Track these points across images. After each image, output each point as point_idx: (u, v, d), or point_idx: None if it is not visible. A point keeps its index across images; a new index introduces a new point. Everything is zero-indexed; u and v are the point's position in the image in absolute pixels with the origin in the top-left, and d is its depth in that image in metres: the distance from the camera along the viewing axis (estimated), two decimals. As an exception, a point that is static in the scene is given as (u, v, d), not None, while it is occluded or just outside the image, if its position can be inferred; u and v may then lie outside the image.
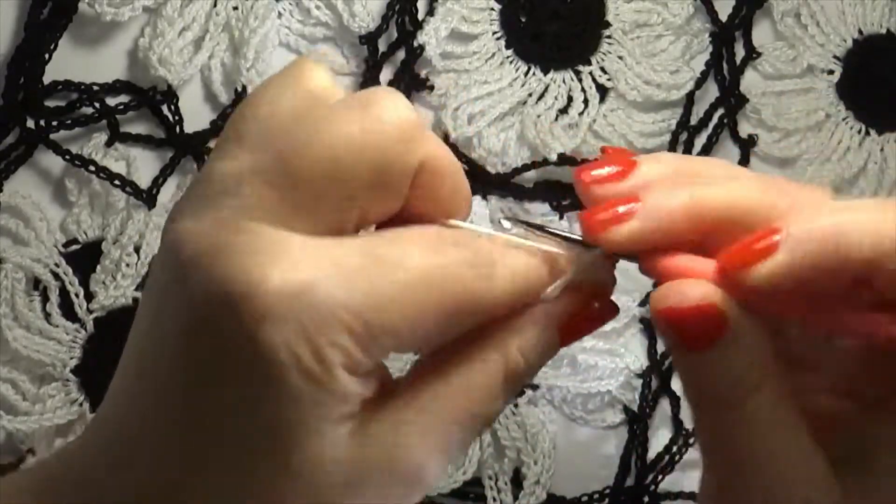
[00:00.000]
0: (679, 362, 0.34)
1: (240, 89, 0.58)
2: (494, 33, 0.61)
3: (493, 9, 0.61)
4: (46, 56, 0.58)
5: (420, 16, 0.60)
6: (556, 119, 0.60)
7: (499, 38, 0.61)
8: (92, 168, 0.57)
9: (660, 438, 0.59)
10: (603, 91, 0.61)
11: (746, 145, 0.62)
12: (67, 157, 0.57)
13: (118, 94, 0.59)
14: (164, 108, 0.59)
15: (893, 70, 0.63)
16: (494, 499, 0.57)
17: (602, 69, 0.61)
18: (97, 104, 0.58)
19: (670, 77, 0.61)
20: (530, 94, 0.60)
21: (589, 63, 0.61)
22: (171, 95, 0.59)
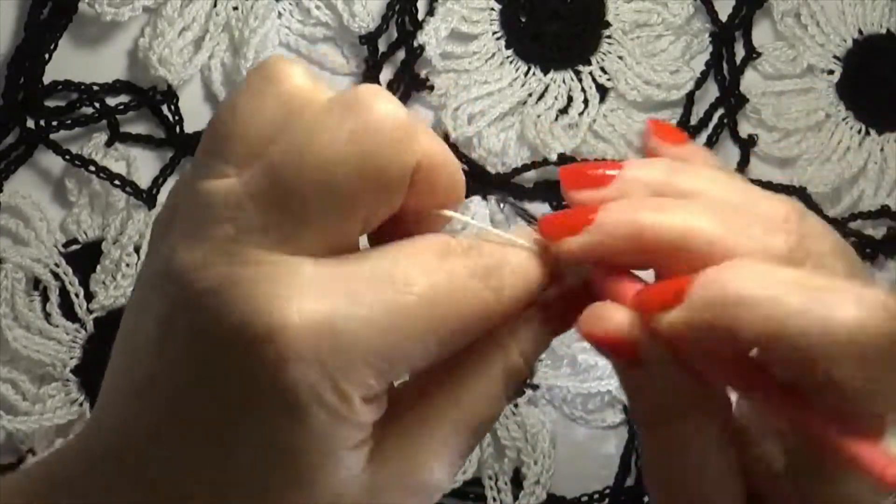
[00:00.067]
0: (617, 374, 0.34)
1: (240, 89, 0.58)
2: (494, 33, 0.61)
3: (493, 9, 0.61)
4: (46, 56, 0.58)
5: (420, 16, 0.60)
6: (556, 119, 0.60)
7: (499, 38, 0.61)
8: (92, 168, 0.57)
9: (660, 438, 0.59)
10: (603, 91, 0.61)
11: (746, 145, 0.61)
12: (67, 157, 0.57)
13: (118, 94, 0.59)
14: (164, 108, 0.59)
15: (893, 70, 0.63)
16: (494, 499, 0.57)
17: (602, 69, 0.61)
18: (97, 104, 0.58)
19: (670, 77, 0.61)
20: (530, 94, 0.60)
21: (589, 63, 0.61)
22: (171, 95, 0.59)
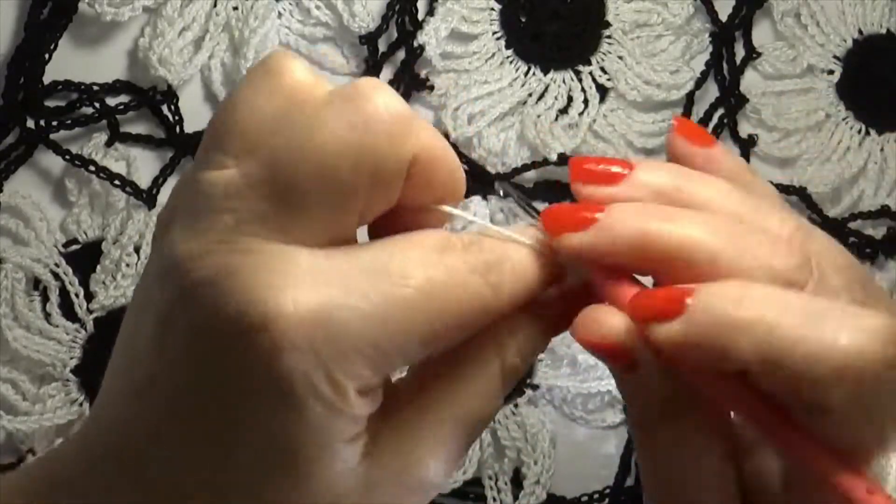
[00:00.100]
0: (613, 375, 0.34)
1: (240, 89, 0.58)
2: (494, 33, 0.61)
3: (493, 9, 0.61)
4: (46, 56, 0.58)
5: (420, 16, 0.60)
6: (556, 119, 0.60)
7: (499, 38, 0.61)
8: (92, 168, 0.57)
9: (660, 438, 0.59)
10: (603, 91, 0.61)
11: (746, 145, 0.61)
12: (67, 157, 0.57)
13: (118, 94, 0.59)
14: (164, 108, 0.59)
15: (893, 70, 0.63)
16: (494, 499, 0.57)
17: (602, 69, 0.61)
18: (97, 104, 0.58)
19: (670, 77, 0.61)
20: (530, 94, 0.60)
21: (589, 63, 0.61)
22: (171, 95, 0.59)
